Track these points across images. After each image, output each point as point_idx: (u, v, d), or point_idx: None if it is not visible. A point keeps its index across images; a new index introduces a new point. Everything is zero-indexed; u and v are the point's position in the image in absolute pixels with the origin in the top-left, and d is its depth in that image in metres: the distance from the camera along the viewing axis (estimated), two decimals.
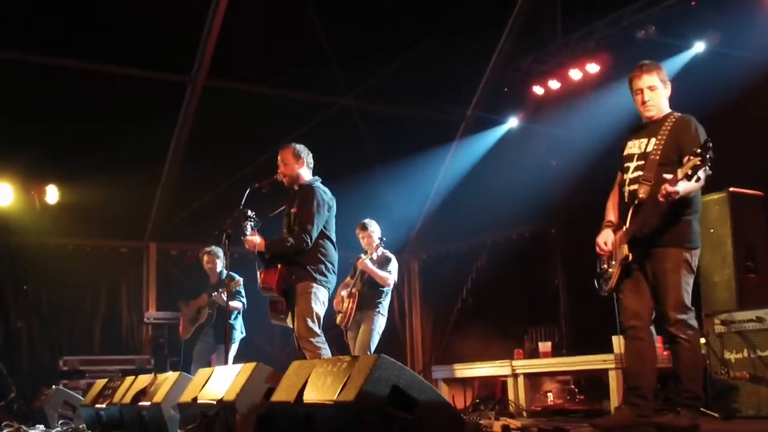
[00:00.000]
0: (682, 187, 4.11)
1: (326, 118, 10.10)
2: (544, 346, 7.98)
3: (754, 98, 7.45)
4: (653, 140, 4.45)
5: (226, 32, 9.02)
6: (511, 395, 7.21)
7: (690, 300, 4.36)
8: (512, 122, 10.72)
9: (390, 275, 7.21)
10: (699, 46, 8.38)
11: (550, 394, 7.87)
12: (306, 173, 5.94)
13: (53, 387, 8.08)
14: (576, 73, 9.50)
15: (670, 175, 4.11)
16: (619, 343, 5.94)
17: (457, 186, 11.07)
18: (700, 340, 4.44)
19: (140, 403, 5.88)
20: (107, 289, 10.35)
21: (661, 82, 4.53)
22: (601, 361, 6.46)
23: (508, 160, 10.27)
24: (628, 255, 4.40)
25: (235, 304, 7.75)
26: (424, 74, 10.05)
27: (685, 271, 4.34)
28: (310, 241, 5.67)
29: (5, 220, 9.23)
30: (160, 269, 10.60)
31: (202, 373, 5.48)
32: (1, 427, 6.79)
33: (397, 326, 11.73)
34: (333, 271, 5.82)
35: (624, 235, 4.44)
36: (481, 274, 11.05)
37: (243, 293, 7.86)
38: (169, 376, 5.92)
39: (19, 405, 8.52)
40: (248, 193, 5.78)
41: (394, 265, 7.29)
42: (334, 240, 5.89)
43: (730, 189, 5.87)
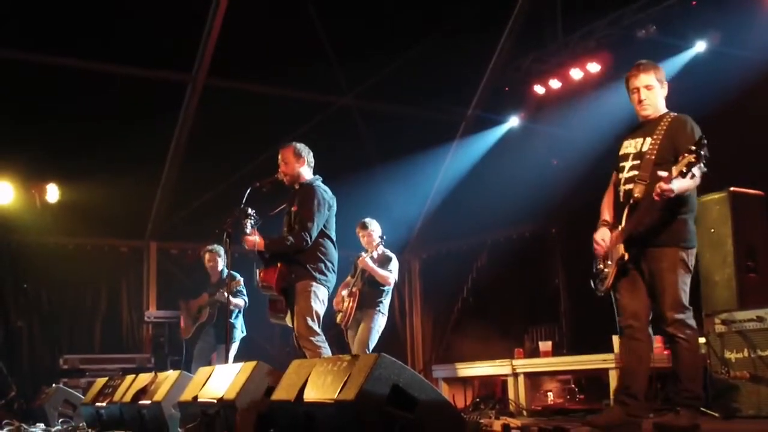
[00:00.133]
0: (677, 185, 4.10)
1: (326, 118, 10.10)
2: (545, 345, 7.99)
3: (755, 98, 7.44)
4: (649, 140, 4.44)
5: (227, 31, 9.02)
6: (511, 394, 7.22)
7: (688, 299, 4.35)
8: (513, 122, 10.71)
9: (390, 274, 7.21)
10: (699, 46, 8.37)
11: (551, 394, 7.87)
12: (306, 172, 5.94)
13: (53, 386, 8.08)
14: (577, 73, 9.49)
15: (665, 173, 4.10)
16: (619, 342, 5.93)
17: (458, 185, 11.06)
18: (699, 340, 4.43)
19: (140, 402, 5.89)
20: (108, 288, 10.36)
21: (658, 82, 4.52)
22: (601, 361, 6.47)
23: (508, 160, 10.27)
24: (624, 254, 4.38)
25: (238, 301, 7.78)
26: (425, 74, 10.04)
27: (681, 271, 4.33)
28: (309, 239, 5.67)
29: (6, 219, 9.23)
30: (161, 268, 10.60)
31: (203, 372, 5.49)
32: (2, 425, 6.79)
33: (398, 325, 11.73)
34: (333, 270, 5.82)
35: (620, 235, 4.42)
36: (481, 273, 11.05)
37: (244, 292, 7.88)
38: (170, 375, 5.93)
39: (20, 403, 8.52)
40: (249, 192, 5.79)
41: (394, 264, 7.29)
42: (334, 239, 5.89)
43: (731, 189, 5.87)
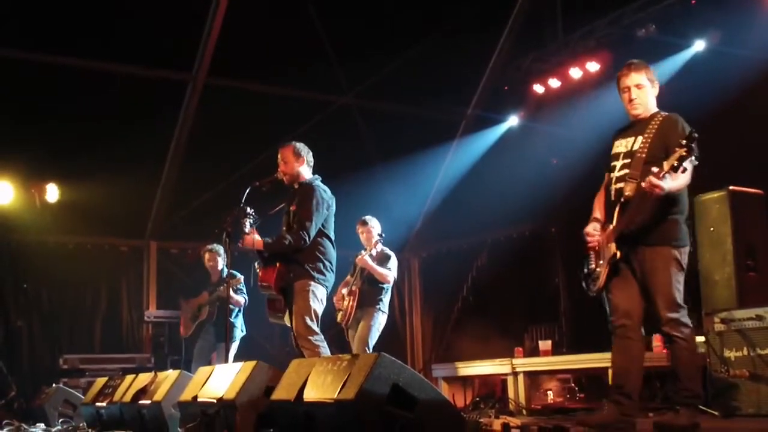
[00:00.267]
0: (668, 183, 4.09)
1: (326, 117, 10.09)
2: (545, 344, 7.98)
3: (755, 97, 7.44)
4: (640, 138, 4.44)
5: (227, 30, 9.02)
6: (511, 393, 7.21)
7: (682, 298, 4.33)
8: (512, 121, 10.72)
9: (390, 272, 7.21)
10: (699, 45, 8.38)
11: (550, 393, 7.87)
12: (306, 171, 5.94)
13: (53, 385, 8.08)
14: (576, 72, 9.48)
15: (656, 168, 4.10)
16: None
17: (458, 184, 11.07)
18: (696, 338, 4.42)
19: (140, 402, 5.89)
20: (108, 287, 10.36)
21: (649, 81, 4.52)
22: (601, 360, 6.46)
23: (508, 159, 10.27)
24: (616, 253, 4.37)
25: (238, 298, 7.81)
26: (425, 73, 10.04)
27: (675, 269, 4.31)
28: (308, 238, 5.67)
29: (6, 219, 9.23)
30: (161, 268, 10.60)
31: (203, 372, 5.49)
32: (2, 425, 6.80)
33: (398, 324, 11.73)
34: (331, 269, 5.82)
35: (611, 234, 4.41)
36: (481, 272, 11.05)
37: (244, 291, 7.89)
38: (170, 375, 5.93)
39: (20, 403, 8.53)
40: (249, 191, 5.79)
41: (393, 263, 7.29)
42: (333, 238, 5.89)
43: (730, 187, 5.86)
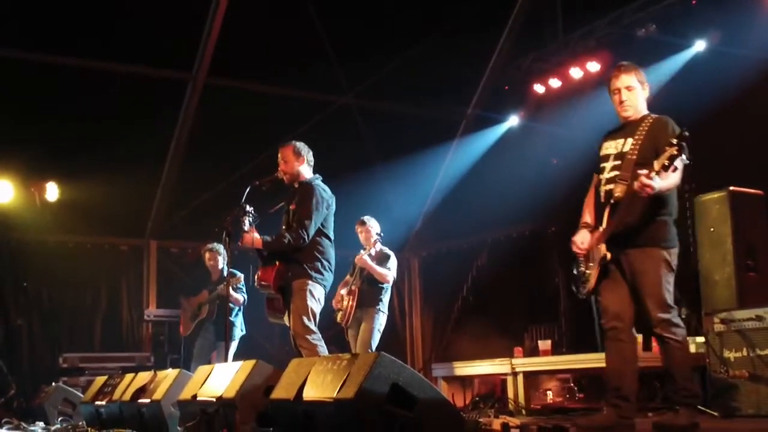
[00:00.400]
0: (658, 182, 4.09)
1: (326, 117, 10.08)
2: (544, 344, 7.99)
3: (755, 97, 7.43)
4: (630, 140, 4.43)
5: (227, 30, 9.02)
6: (510, 393, 7.20)
7: (672, 299, 4.33)
8: (513, 121, 10.71)
9: (389, 272, 7.21)
10: (699, 45, 8.37)
11: (550, 393, 7.87)
12: (306, 171, 5.94)
13: (53, 384, 8.08)
14: (577, 72, 9.48)
15: (645, 170, 4.10)
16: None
17: (458, 184, 11.06)
18: (687, 337, 4.41)
19: (140, 401, 5.88)
20: (108, 286, 10.36)
21: (639, 83, 4.52)
22: (600, 360, 6.43)
23: (508, 159, 10.26)
24: (607, 254, 4.37)
25: (238, 296, 7.82)
26: (425, 73, 10.03)
27: (664, 270, 4.31)
28: (307, 237, 5.67)
29: (5, 218, 9.23)
30: (161, 267, 10.61)
31: (202, 371, 5.50)
32: (2, 424, 6.80)
33: (398, 324, 11.73)
34: (330, 268, 5.82)
35: (601, 235, 4.40)
36: (481, 272, 11.05)
37: (244, 290, 7.90)
38: (169, 374, 5.93)
39: (19, 402, 8.53)
40: (249, 190, 5.79)
41: (393, 262, 7.29)
42: (332, 238, 5.89)
43: (731, 188, 5.86)
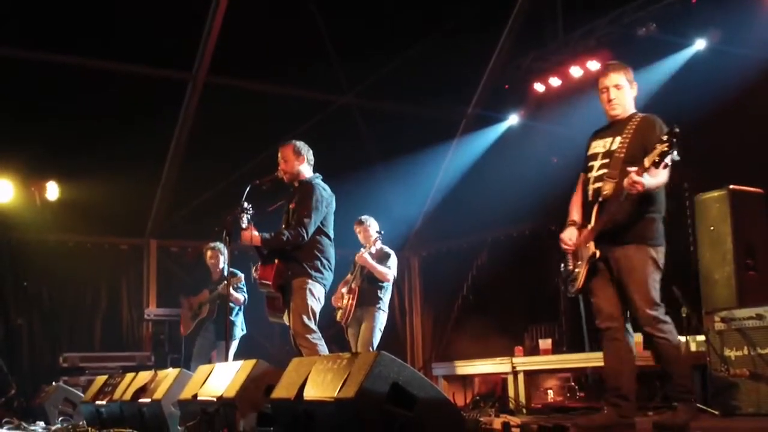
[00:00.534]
0: (648, 180, 4.11)
1: (327, 117, 10.08)
2: (545, 343, 8.00)
3: (755, 96, 7.43)
4: (618, 139, 4.45)
5: (227, 30, 9.01)
6: (511, 392, 7.22)
7: (659, 296, 4.34)
8: (513, 120, 10.70)
9: (389, 270, 7.20)
10: (700, 44, 8.36)
11: (550, 392, 7.88)
12: (306, 170, 5.94)
13: (53, 384, 8.08)
14: (577, 71, 9.48)
15: (635, 168, 4.12)
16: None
17: (458, 183, 11.06)
18: (676, 332, 4.41)
19: (140, 400, 5.88)
20: (108, 285, 10.36)
21: (628, 82, 4.54)
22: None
23: (508, 158, 10.26)
24: (596, 252, 4.37)
25: (238, 296, 7.83)
26: (425, 73, 10.03)
27: (651, 268, 4.31)
28: (306, 235, 5.66)
29: (5, 217, 9.23)
30: (161, 266, 10.61)
31: (203, 370, 5.50)
32: (2, 423, 6.80)
33: (398, 323, 11.73)
34: (329, 267, 5.82)
35: (590, 233, 4.41)
36: (481, 271, 11.05)
37: (245, 289, 7.90)
38: (170, 373, 5.92)
39: (20, 402, 8.52)
40: (249, 189, 5.80)
41: (393, 261, 7.29)
42: (332, 237, 5.89)
43: (730, 186, 5.87)
